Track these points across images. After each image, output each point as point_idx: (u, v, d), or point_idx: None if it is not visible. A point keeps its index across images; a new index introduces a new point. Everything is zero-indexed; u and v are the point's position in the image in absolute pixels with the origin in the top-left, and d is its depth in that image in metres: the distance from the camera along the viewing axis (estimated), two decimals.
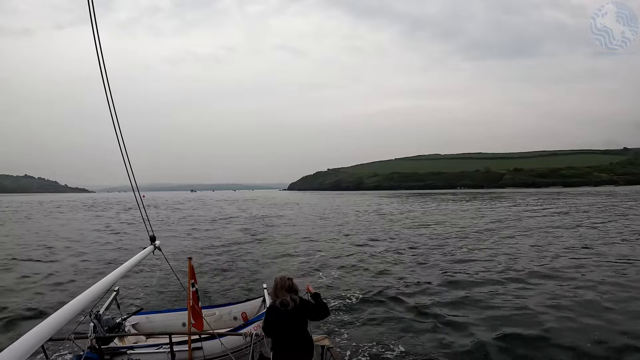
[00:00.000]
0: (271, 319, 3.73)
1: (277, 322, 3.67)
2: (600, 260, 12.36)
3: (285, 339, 3.66)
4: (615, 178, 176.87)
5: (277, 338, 3.73)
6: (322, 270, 12.03)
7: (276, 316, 3.68)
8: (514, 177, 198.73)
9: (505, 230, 21.12)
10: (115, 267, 3.37)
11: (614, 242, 16.12)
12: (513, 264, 12.22)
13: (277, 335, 3.72)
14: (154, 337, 5.28)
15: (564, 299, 8.38)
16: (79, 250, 16.84)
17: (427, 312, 7.85)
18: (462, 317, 7.50)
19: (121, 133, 3.71)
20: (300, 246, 17.15)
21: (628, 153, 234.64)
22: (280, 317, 3.64)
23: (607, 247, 15.04)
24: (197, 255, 14.46)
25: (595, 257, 12.97)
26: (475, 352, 6.08)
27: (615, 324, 6.96)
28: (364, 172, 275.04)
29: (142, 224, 4.53)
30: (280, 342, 3.70)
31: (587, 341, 6.28)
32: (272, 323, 3.71)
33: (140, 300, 8.83)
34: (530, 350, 6.09)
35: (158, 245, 4.56)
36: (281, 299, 3.68)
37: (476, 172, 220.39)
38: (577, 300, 8.29)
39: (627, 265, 11.58)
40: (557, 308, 7.84)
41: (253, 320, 5.34)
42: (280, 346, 3.69)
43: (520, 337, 6.54)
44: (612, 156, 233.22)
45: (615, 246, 15.16)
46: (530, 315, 7.51)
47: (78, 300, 2.38)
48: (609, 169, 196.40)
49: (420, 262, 12.89)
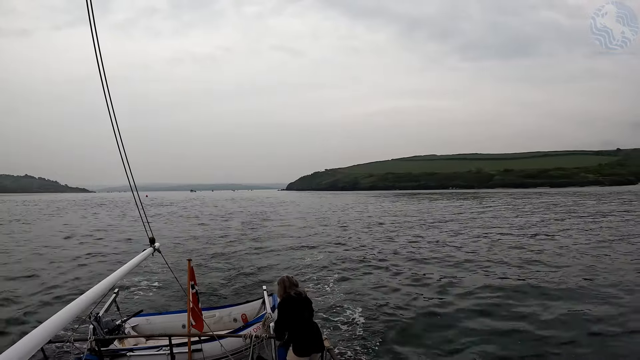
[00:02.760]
0: (291, 308, 3.91)
1: (298, 310, 3.91)
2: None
3: (307, 325, 3.91)
4: (601, 179, 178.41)
5: (298, 326, 3.88)
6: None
7: (296, 305, 3.92)
8: (503, 178, 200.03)
9: (431, 223, 25.40)
10: (115, 269, 3.29)
11: (504, 234, 19.22)
12: (415, 250, 15.20)
13: (299, 322, 3.88)
14: (154, 339, 5.22)
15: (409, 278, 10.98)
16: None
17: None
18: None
19: (120, 133, 3.64)
20: (295, 244, 17.22)
21: (619, 154, 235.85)
22: (300, 305, 3.92)
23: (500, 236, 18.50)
24: (197, 256, 14.30)
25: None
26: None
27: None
28: (360, 172, 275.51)
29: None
30: (302, 328, 3.87)
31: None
32: (293, 311, 3.89)
33: (140, 302, 8.68)
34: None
35: (158, 247, 4.47)
36: (294, 290, 3.97)
37: (468, 173, 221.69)
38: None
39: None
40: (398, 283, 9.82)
41: (253, 322, 5.24)
42: (302, 332, 3.86)
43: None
44: (604, 157, 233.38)
45: (505, 236, 18.47)
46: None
47: (77, 303, 2.32)
48: (596, 169, 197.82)
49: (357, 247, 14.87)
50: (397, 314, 7.72)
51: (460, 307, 8.03)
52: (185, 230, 24.09)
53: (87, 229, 26.31)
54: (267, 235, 21.14)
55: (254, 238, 19.74)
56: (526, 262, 12.25)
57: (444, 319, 7.42)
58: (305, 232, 22.08)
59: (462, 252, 14.47)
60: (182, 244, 17.94)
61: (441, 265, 12.25)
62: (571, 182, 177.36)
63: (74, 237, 21.24)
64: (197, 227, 26.46)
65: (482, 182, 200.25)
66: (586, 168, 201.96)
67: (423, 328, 7.01)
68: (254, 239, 19.51)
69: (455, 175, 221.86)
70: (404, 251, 14.98)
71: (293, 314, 3.89)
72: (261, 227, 25.41)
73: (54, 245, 18.28)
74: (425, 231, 21.41)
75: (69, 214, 43.68)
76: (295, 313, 3.89)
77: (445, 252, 14.51)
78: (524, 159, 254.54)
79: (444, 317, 7.52)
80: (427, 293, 9.19)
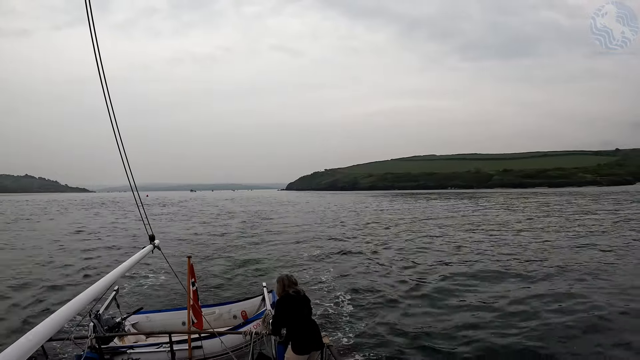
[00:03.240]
0: (289, 306, 3.92)
1: (297, 307, 3.92)
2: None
3: (306, 323, 3.92)
4: (599, 179, 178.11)
5: (296, 323, 3.89)
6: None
7: (294, 303, 3.93)
8: (502, 178, 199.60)
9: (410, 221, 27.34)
10: (115, 266, 3.28)
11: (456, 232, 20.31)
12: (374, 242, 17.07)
13: (298, 320, 3.89)
14: (154, 336, 5.19)
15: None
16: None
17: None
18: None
19: (120, 133, 3.61)
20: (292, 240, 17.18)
21: (618, 154, 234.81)
22: (299, 303, 3.93)
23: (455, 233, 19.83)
24: (197, 253, 14.30)
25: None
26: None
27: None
28: (360, 172, 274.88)
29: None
30: (300, 326, 3.88)
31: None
32: (291, 309, 3.91)
33: (140, 299, 8.67)
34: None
35: (157, 245, 4.45)
36: (293, 289, 4.00)
37: (467, 173, 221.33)
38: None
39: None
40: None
41: (253, 319, 5.25)
42: (301, 330, 3.87)
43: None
44: (603, 157, 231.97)
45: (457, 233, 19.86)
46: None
47: (77, 300, 2.30)
48: (594, 170, 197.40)
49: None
50: (394, 308, 7.74)
51: (455, 301, 8.07)
52: (185, 229, 24.09)
53: (98, 226, 27.19)
54: (267, 233, 21.21)
55: (253, 235, 19.91)
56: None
57: (442, 311, 7.64)
58: (303, 230, 22.13)
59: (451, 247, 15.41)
60: (182, 242, 17.94)
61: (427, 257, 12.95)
62: (569, 182, 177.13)
63: (91, 233, 22.76)
64: (197, 225, 26.45)
65: (481, 182, 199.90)
66: (585, 168, 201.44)
67: (421, 323, 7.04)
68: (254, 236, 19.66)
69: (454, 175, 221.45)
70: (403, 251, 15.04)
71: (291, 311, 3.90)
72: (261, 226, 25.44)
73: (73, 239, 19.82)
74: (416, 228, 22.33)
75: (74, 213, 44.38)
76: (294, 311, 3.91)
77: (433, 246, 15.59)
78: (523, 159, 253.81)
79: (443, 310, 7.70)
80: (425, 285, 9.21)
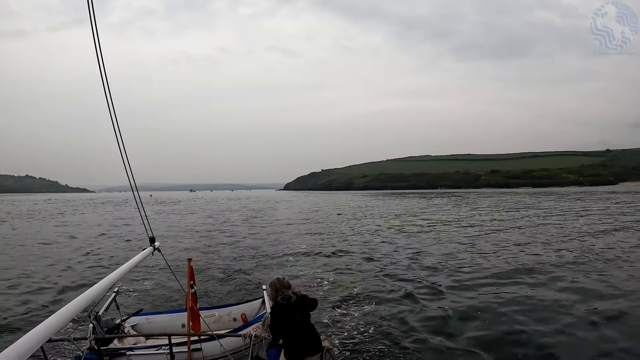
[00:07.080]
0: (278, 317, 3.69)
1: (287, 315, 3.67)
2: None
3: (299, 329, 3.66)
4: (582, 179, 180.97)
5: (289, 331, 3.67)
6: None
7: (285, 310, 3.69)
8: (489, 179, 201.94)
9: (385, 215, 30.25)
10: (115, 268, 3.17)
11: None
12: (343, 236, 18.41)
13: (290, 328, 3.66)
14: (154, 338, 5.06)
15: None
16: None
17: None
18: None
19: (120, 133, 3.52)
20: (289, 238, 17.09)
21: (608, 155, 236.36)
22: (290, 311, 3.69)
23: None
24: (197, 255, 14.07)
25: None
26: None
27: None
28: (355, 173, 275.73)
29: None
30: (292, 334, 3.65)
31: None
32: (282, 319, 3.67)
33: (140, 301, 8.46)
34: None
35: (157, 247, 4.34)
36: (282, 295, 3.75)
37: (455, 174, 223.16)
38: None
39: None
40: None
41: (252, 322, 5.10)
42: (293, 337, 3.65)
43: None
44: (591, 158, 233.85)
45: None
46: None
47: (77, 302, 2.24)
48: (577, 170, 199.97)
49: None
50: (392, 308, 7.63)
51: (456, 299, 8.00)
52: (185, 229, 23.82)
53: (111, 223, 28.53)
54: (266, 232, 21.12)
55: (252, 234, 19.82)
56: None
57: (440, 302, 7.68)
58: (301, 228, 22.09)
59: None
60: (181, 243, 17.69)
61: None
62: (552, 183, 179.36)
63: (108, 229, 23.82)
64: (197, 225, 26.20)
65: (469, 182, 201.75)
66: (568, 169, 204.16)
67: (422, 323, 6.93)
68: (253, 235, 19.57)
69: (443, 176, 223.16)
70: (404, 249, 14.95)
71: (282, 321, 3.68)
72: (260, 225, 25.30)
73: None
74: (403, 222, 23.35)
75: (88, 212, 45.04)
76: (284, 320, 3.68)
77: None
78: (514, 160, 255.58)
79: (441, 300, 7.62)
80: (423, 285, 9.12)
